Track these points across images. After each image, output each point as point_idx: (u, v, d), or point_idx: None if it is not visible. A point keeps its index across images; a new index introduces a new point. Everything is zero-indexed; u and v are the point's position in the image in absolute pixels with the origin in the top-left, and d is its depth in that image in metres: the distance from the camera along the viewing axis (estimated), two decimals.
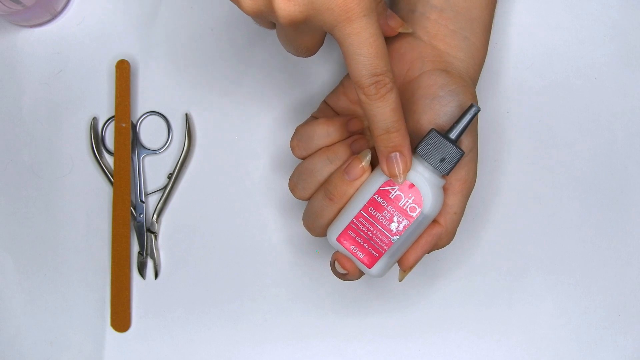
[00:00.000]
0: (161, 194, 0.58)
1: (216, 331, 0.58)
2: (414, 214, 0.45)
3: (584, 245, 0.57)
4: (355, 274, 0.47)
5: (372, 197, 0.45)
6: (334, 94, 0.51)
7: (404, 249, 0.46)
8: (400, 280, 0.48)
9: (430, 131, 0.45)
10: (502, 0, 0.57)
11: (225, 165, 0.58)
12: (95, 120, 0.58)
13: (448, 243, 0.48)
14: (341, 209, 0.46)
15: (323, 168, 0.47)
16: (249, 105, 0.58)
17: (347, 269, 0.47)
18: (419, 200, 0.45)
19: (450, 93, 0.47)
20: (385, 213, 0.45)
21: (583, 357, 0.57)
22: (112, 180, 0.57)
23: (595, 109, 0.57)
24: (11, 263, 0.58)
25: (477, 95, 0.49)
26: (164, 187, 0.58)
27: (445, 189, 0.47)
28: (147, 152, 0.58)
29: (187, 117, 0.57)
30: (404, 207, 0.45)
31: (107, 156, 0.58)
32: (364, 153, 0.46)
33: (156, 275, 0.58)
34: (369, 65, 0.41)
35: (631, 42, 0.57)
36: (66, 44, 0.58)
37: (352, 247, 0.46)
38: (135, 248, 0.58)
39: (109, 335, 0.58)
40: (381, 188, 0.45)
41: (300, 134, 0.48)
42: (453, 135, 0.45)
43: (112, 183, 0.57)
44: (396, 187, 0.45)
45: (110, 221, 0.57)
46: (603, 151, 0.57)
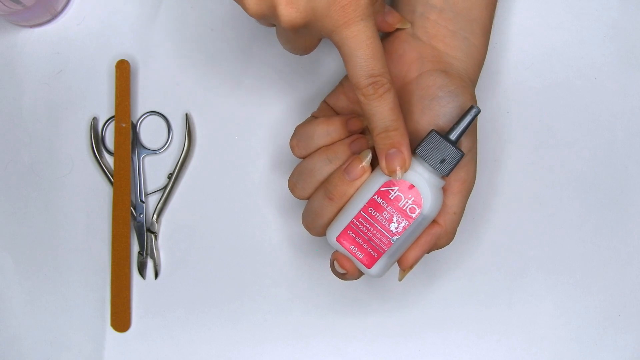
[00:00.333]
0: (161, 194, 0.58)
1: (216, 331, 0.58)
2: (414, 215, 0.45)
3: (584, 245, 0.57)
4: (354, 274, 0.47)
5: (371, 197, 0.45)
6: (333, 93, 0.51)
7: (403, 249, 0.46)
8: (400, 280, 0.48)
9: (431, 132, 0.45)
10: (502, 0, 0.57)
11: (225, 165, 0.58)
12: (95, 120, 0.58)
13: (448, 243, 0.48)
14: (341, 209, 0.46)
15: (323, 167, 0.47)
16: (249, 105, 0.58)
17: (346, 269, 0.47)
18: (418, 201, 0.45)
19: (450, 94, 0.47)
20: (384, 214, 0.45)
21: (583, 357, 0.57)
22: (112, 180, 0.57)
23: (595, 109, 0.57)
24: (11, 263, 0.58)
25: (476, 96, 0.49)
26: (164, 187, 0.58)
27: (444, 189, 0.47)
28: (147, 152, 0.58)
29: (187, 117, 0.57)
30: (404, 208, 0.45)
31: (107, 156, 0.58)
32: (365, 153, 0.46)
33: (156, 275, 0.58)
34: (366, 66, 0.42)
35: (631, 42, 0.57)
36: (66, 44, 0.58)
37: (352, 247, 0.46)
38: (135, 248, 0.58)
39: (109, 335, 0.58)
40: (381, 189, 0.45)
41: (300, 133, 0.48)
42: (453, 137, 0.45)
43: (112, 183, 0.57)
44: (396, 188, 0.45)
45: (110, 221, 0.57)
46: (603, 151, 0.57)
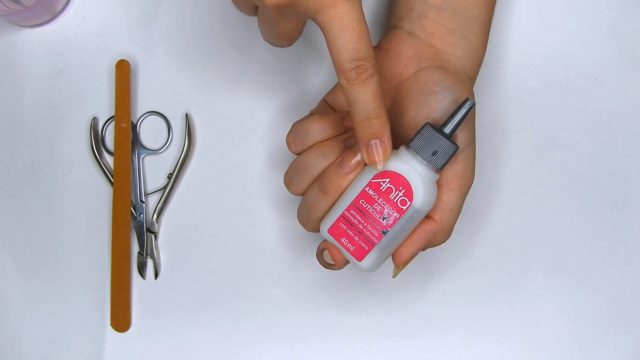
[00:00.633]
0: (161, 194, 0.58)
1: (216, 331, 0.58)
2: (404, 207, 0.44)
3: (584, 245, 0.57)
4: (341, 265, 0.47)
5: (363, 189, 0.45)
6: (332, 91, 0.51)
7: (396, 243, 0.46)
8: (394, 277, 0.48)
9: (425, 125, 0.45)
10: (502, 0, 0.57)
11: (225, 165, 0.58)
12: (95, 120, 0.58)
13: (444, 240, 0.48)
14: (335, 203, 0.46)
15: (317, 163, 0.47)
16: (249, 105, 0.58)
17: (335, 260, 0.46)
18: (409, 194, 0.44)
19: (446, 89, 0.47)
20: (376, 206, 0.45)
21: (583, 357, 0.57)
22: (112, 180, 0.57)
23: (595, 109, 0.57)
24: (11, 263, 0.58)
25: (476, 96, 0.49)
26: (164, 187, 0.58)
27: (441, 185, 0.47)
28: (147, 152, 0.58)
29: (187, 117, 0.57)
30: (395, 200, 0.44)
31: (107, 156, 0.58)
32: (358, 147, 0.46)
33: (156, 275, 0.58)
34: (350, 49, 0.41)
35: (631, 42, 0.57)
36: (66, 44, 0.58)
37: (343, 239, 0.46)
38: (135, 248, 0.58)
39: (109, 335, 0.58)
40: (372, 180, 0.45)
41: (296, 129, 0.48)
42: (447, 130, 0.45)
43: (112, 183, 0.57)
44: (387, 180, 0.44)
45: (110, 221, 0.57)
46: (603, 151, 0.57)
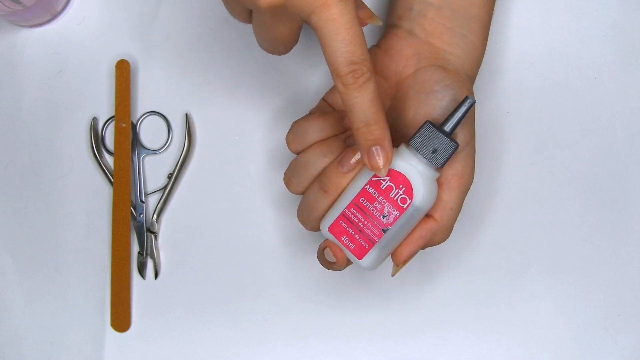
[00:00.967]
0: (161, 194, 0.58)
1: (216, 331, 0.58)
2: (404, 205, 0.44)
3: (584, 245, 0.57)
4: (342, 264, 0.47)
5: (363, 187, 0.45)
6: (332, 91, 0.51)
7: (396, 242, 0.46)
8: (393, 275, 0.48)
9: (425, 123, 0.45)
10: (502, 0, 0.57)
11: (225, 165, 0.58)
12: (95, 120, 0.58)
13: (444, 239, 0.48)
14: (335, 202, 0.46)
15: (317, 162, 0.47)
16: (249, 105, 0.58)
17: (337, 258, 0.46)
18: (409, 192, 0.44)
19: (446, 88, 0.47)
20: (376, 204, 0.45)
21: (583, 357, 0.57)
22: (112, 180, 0.57)
23: (595, 109, 0.57)
24: (11, 263, 0.58)
25: (476, 96, 0.49)
26: (164, 187, 0.58)
27: (441, 183, 0.47)
28: (147, 152, 0.58)
29: (187, 117, 0.57)
30: (395, 198, 0.44)
31: (107, 156, 0.58)
32: None
33: (156, 275, 0.58)
34: (346, 52, 0.40)
35: (631, 42, 0.57)
36: (66, 44, 0.58)
37: (343, 238, 0.46)
38: (135, 248, 0.58)
39: (109, 335, 0.58)
40: (372, 179, 0.45)
41: (296, 129, 0.48)
42: (447, 128, 0.45)
43: (112, 183, 0.57)
44: (387, 178, 0.44)
45: (110, 221, 0.57)
46: (603, 151, 0.57)
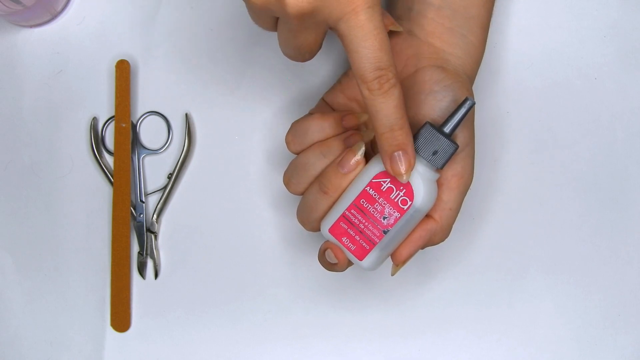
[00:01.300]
0: (161, 194, 0.58)
1: (216, 331, 0.58)
2: (405, 207, 0.44)
3: (584, 245, 0.57)
4: (344, 265, 0.47)
5: (364, 189, 0.45)
6: (332, 91, 0.51)
7: (396, 242, 0.46)
8: (393, 275, 0.48)
9: (425, 124, 0.45)
10: (502, 0, 0.57)
11: (225, 165, 0.58)
12: (95, 120, 0.58)
13: (443, 239, 0.48)
14: (335, 202, 0.46)
15: (317, 162, 0.47)
16: (249, 105, 0.58)
17: (338, 259, 0.46)
18: (410, 193, 0.44)
19: (446, 88, 0.47)
20: (376, 205, 0.45)
21: (583, 357, 0.57)
22: (112, 180, 0.57)
23: (595, 109, 0.57)
24: (11, 263, 0.58)
25: (476, 96, 0.49)
26: (164, 187, 0.58)
27: (440, 184, 0.47)
28: (147, 152, 0.58)
29: (187, 117, 0.57)
30: (395, 200, 0.44)
31: (107, 156, 0.58)
32: (358, 146, 0.45)
33: (156, 275, 0.58)
34: (372, 58, 0.40)
35: (631, 42, 0.57)
36: (66, 44, 0.58)
37: (344, 239, 0.46)
38: (135, 248, 0.58)
39: (109, 335, 0.58)
40: (373, 180, 0.45)
41: (295, 129, 0.48)
42: (447, 129, 0.45)
43: (112, 183, 0.57)
44: (388, 180, 0.44)
45: (110, 221, 0.57)
46: (603, 151, 0.57)
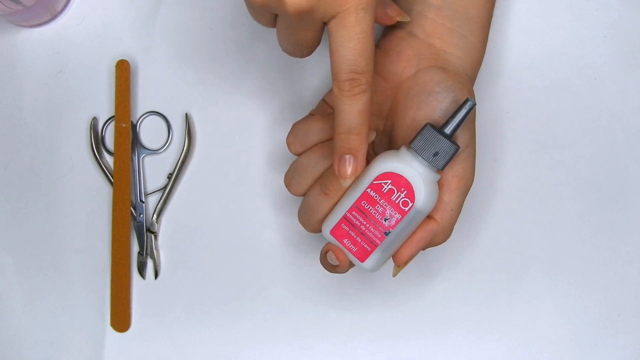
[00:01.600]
0: (161, 194, 0.58)
1: (216, 331, 0.58)
2: (406, 209, 0.44)
3: (584, 245, 0.57)
4: (345, 267, 0.47)
5: (365, 190, 0.45)
6: (332, 92, 0.51)
7: (398, 243, 0.46)
8: (394, 276, 0.48)
9: (425, 126, 0.45)
10: (502, 0, 0.57)
11: (225, 165, 0.58)
12: (95, 120, 0.58)
13: (444, 240, 0.48)
14: (336, 204, 0.46)
15: (318, 164, 0.47)
16: (249, 105, 0.58)
17: (340, 261, 0.46)
18: (411, 195, 0.44)
19: (446, 89, 0.47)
20: (377, 207, 0.45)
21: (583, 357, 0.57)
22: (112, 180, 0.57)
23: (595, 109, 0.57)
24: (11, 263, 0.58)
25: (476, 96, 0.49)
26: (164, 187, 0.58)
27: (441, 185, 0.47)
28: (147, 152, 0.58)
29: (187, 117, 0.57)
30: (397, 201, 0.44)
31: (107, 156, 0.58)
32: None
33: (156, 275, 0.58)
34: (351, 60, 0.41)
35: (631, 42, 0.57)
36: (66, 44, 0.58)
37: (345, 241, 0.46)
38: (135, 248, 0.58)
39: (109, 335, 0.58)
40: (374, 182, 0.45)
41: (296, 130, 0.48)
42: (448, 130, 0.45)
43: (112, 183, 0.57)
44: (389, 181, 0.44)
45: (110, 221, 0.57)
46: (603, 151, 0.57)
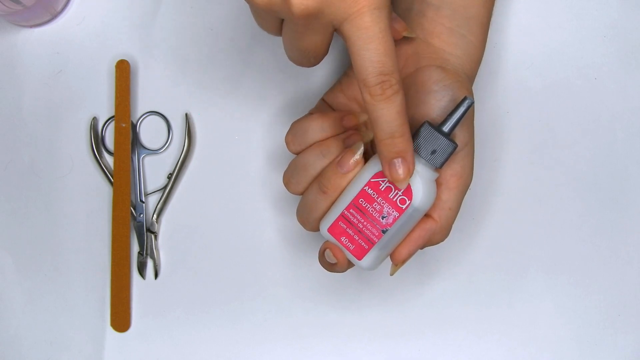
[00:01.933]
0: (161, 194, 0.58)
1: (216, 331, 0.58)
2: (404, 206, 0.44)
3: (584, 245, 0.57)
4: (343, 265, 0.47)
5: (362, 188, 0.45)
6: (332, 91, 0.51)
7: (395, 242, 0.46)
8: (392, 275, 0.48)
9: (423, 124, 0.45)
10: (502, 0, 0.57)
11: (225, 165, 0.58)
12: (95, 120, 0.58)
13: (443, 239, 0.48)
14: (334, 202, 0.46)
15: (316, 162, 0.47)
16: (248, 105, 0.58)
17: (337, 259, 0.46)
18: (409, 193, 0.44)
19: (445, 88, 0.47)
20: (375, 205, 0.45)
21: (583, 357, 0.57)
22: (112, 180, 0.57)
23: (595, 109, 0.57)
24: (11, 263, 0.58)
25: (475, 96, 0.49)
26: (164, 187, 0.58)
27: (440, 184, 0.47)
28: (147, 152, 0.58)
29: (187, 117, 0.57)
30: (394, 199, 0.44)
31: (107, 156, 0.58)
32: (357, 145, 0.45)
33: (156, 275, 0.58)
34: (376, 62, 0.39)
35: (631, 42, 0.57)
36: (66, 44, 0.58)
37: (343, 238, 0.46)
38: (135, 248, 0.58)
39: (109, 335, 0.58)
40: (371, 180, 0.45)
41: (295, 129, 0.48)
42: (446, 128, 0.45)
43: (112, 183, 0.57)
44: (386, 179, 0.44)
45: (110, 221, 0.57)
46: (603, 151, 0.57)
